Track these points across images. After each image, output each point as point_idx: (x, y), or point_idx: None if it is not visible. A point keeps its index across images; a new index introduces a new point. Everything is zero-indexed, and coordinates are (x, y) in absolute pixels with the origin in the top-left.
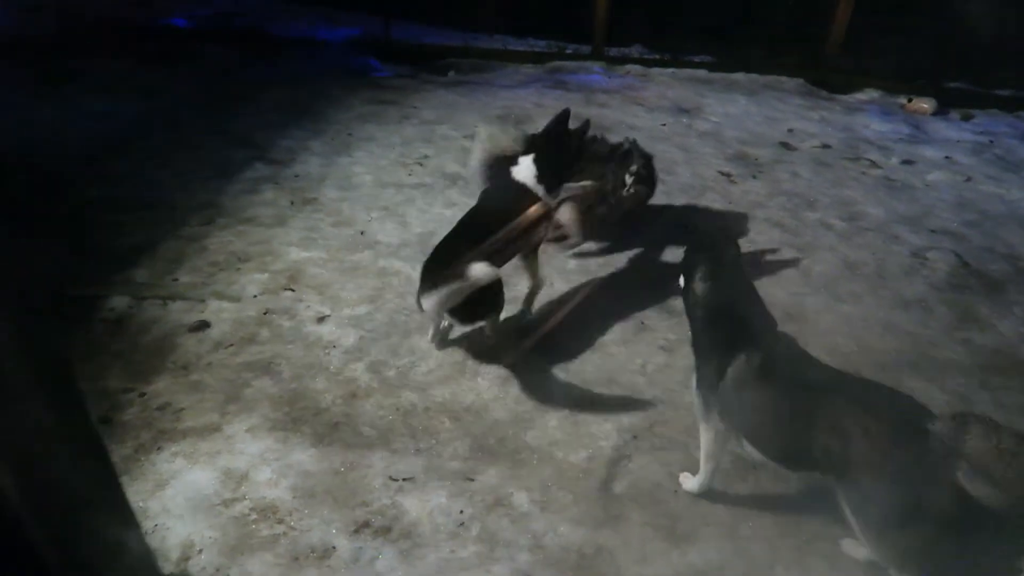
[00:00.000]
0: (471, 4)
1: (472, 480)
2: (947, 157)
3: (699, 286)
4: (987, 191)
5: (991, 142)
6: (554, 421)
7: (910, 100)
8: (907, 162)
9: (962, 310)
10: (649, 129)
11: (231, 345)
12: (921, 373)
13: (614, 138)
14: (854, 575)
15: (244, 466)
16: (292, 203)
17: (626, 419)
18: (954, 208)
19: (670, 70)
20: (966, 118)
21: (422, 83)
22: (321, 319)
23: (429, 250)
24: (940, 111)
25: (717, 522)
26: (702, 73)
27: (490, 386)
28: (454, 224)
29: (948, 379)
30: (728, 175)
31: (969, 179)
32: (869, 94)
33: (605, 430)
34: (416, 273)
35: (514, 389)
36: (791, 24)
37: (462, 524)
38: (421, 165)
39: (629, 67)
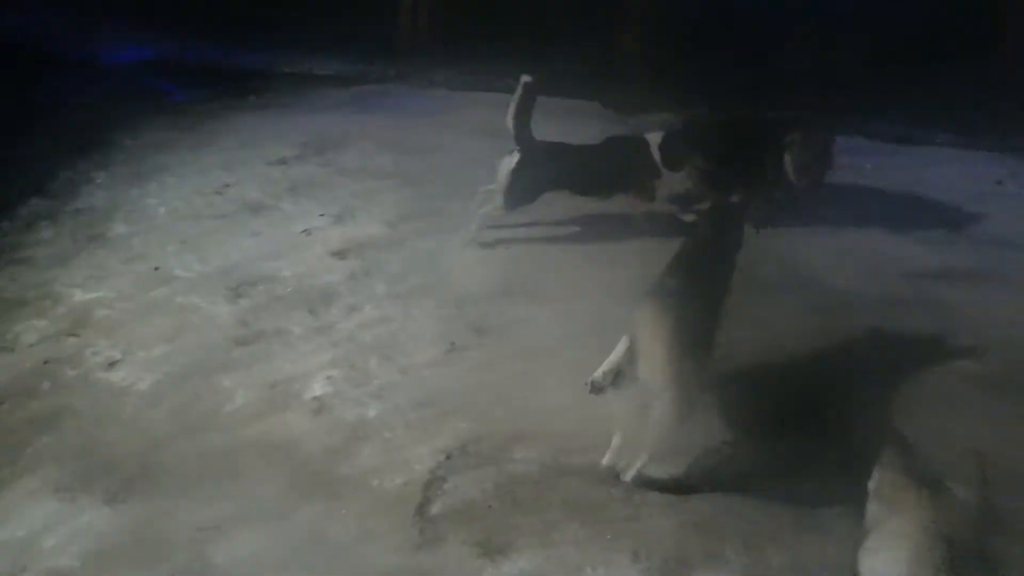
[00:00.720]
0: (276, 26)
1: (286, 519)
2: None
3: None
4: None
5: None
6: (367, 450)
7: None
8: None
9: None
10: (458, 152)
11: (5, 402)
12: None
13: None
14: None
15: (25, 535)
16: (75, 240)
17: (439, 441)
18: None
19: (476, 93)
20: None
21: (221, 108)
22: (112, 364)
23: (232, 284)
24: None
25: (530, 532)
26: (508, 97)
27: (300, 420)
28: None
29: None
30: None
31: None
32: (659, 117)
33: (419, 454)
34: (217, 309)
35: (325, 421)
36: (590, 50)
37: (275, 567)
38: (220, 194)
39: (435, 91)
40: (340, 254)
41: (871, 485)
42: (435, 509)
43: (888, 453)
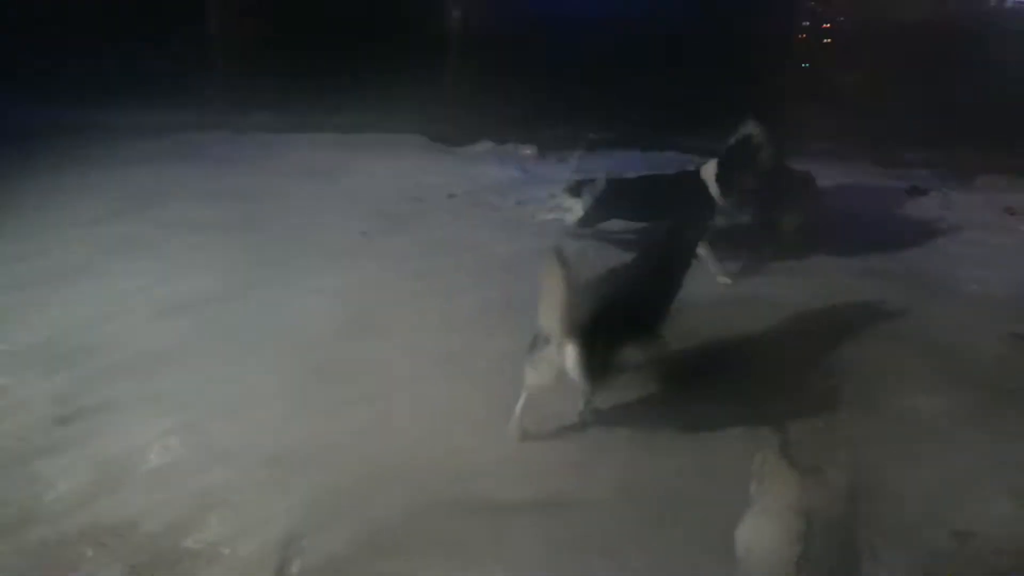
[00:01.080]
0: (75, 77)
1: None
2: (551, 194)
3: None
4: None
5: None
6: (215, 518)
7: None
8: (520, 202)
9: None
10: (286, 194)
11: None
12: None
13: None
14: None
15: None
16: None
17: (294, 497)
18: (560, 236)
19: (302, 135)
20: (562, 160)
21: (19, 168)
22: None
23: (47, 358)
24: (541, 155)
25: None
26: (332, 136)
27: (136, 497)
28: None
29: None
30: (367, 233)
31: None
32: (484, 145)
33: (273, 514)
34: (29, 389)
35: (166, 494)
36: (412, 87)
37: None
38: (25, 263)
39: (256, 135)
40: (169, 313)
41: (753, 468)
42: (294, 569)
43: (769, 439)
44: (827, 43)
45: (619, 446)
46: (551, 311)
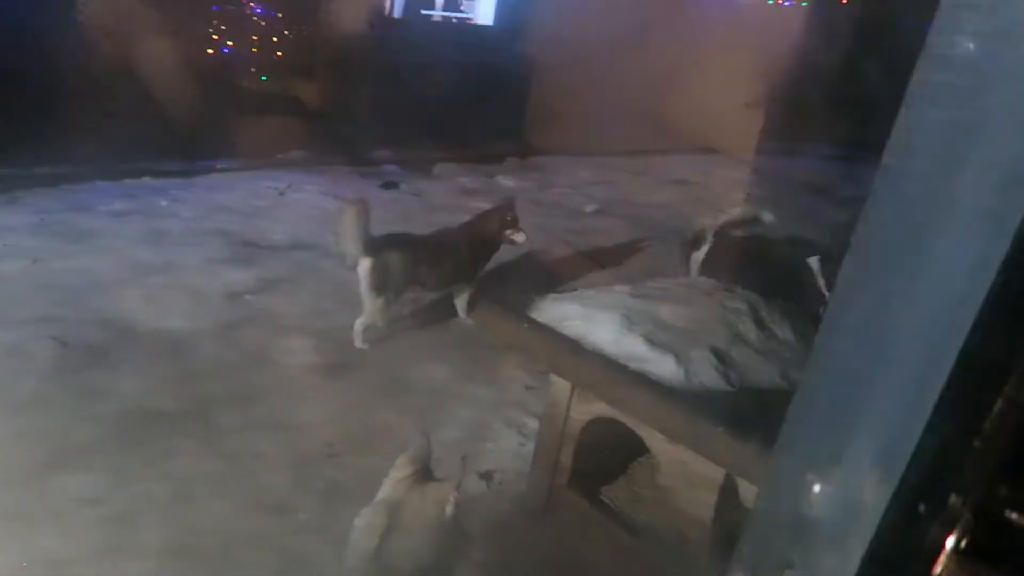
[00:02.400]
0: None
1: None
2: (4, 244)
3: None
4: (60, 267)
5: (43, 220)
6: None
7: None
8: None
9: (80, 389)
10: None
11: None
12: (63, 463)
13: None
14: None
15: None
16: None
17: None
18: (34, 293)
19: None
20: (13, 202)
21: None
22: None
23: None
24: None
25: None
26: None
27: None
28: None
29: (96, 457)
30: None
31: (37, 260)
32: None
33: None
34: None
35: None
36: None
37: None
38: None
39: None
40: None
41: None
42: None
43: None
44: (279, 56)
45: (152, 507)
46: (349, 238)
